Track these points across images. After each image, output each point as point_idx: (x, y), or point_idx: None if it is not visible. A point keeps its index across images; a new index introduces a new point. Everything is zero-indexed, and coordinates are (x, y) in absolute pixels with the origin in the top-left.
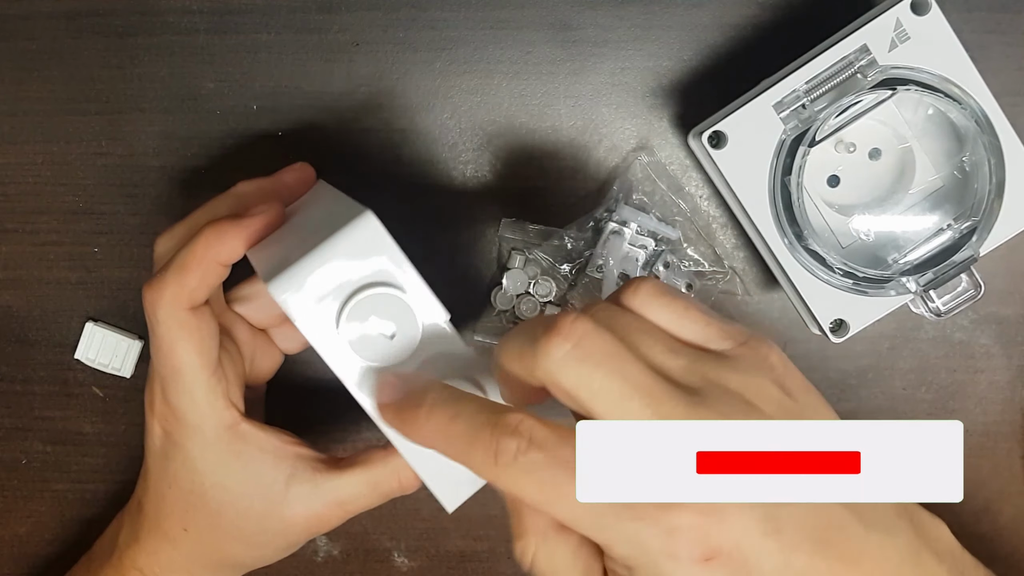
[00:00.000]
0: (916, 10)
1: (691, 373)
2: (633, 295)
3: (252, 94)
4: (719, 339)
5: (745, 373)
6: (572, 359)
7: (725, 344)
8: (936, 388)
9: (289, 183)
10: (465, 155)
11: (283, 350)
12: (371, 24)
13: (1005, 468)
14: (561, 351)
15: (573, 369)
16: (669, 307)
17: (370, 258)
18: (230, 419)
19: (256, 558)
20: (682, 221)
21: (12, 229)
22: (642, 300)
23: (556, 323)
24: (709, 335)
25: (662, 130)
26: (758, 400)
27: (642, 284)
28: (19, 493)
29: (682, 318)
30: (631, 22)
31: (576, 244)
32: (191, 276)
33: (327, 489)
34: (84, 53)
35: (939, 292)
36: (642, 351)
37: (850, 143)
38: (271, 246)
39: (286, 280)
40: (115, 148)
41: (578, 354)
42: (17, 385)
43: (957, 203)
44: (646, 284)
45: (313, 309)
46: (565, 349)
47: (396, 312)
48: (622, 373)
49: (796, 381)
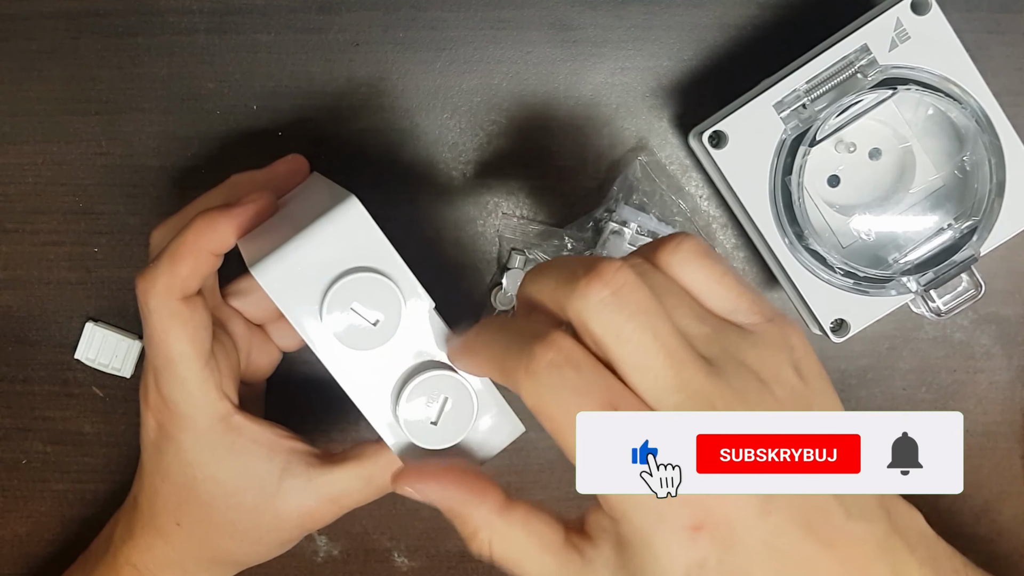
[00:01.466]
0: (916, 10)
1: (713, 343)
2: (674, 251)
3: (252, 94)
4: (748, 311)
5: (764, 350)
6: (608, 305)
7: (752, 318)
8: (936, 388)
9: (282, 174)
10: (465, 155)
11: (280, 347)
12: (371, 24)
13: (1005, 468)
14: (599, 296)
15: (607, 315)
16: (706, 270)
17: (354, 243)
18: (223, 410)
19: (249, 554)
20: (682, 221)
21: (12, 229)
22: (682, 258)
23: (599, 267)
24: (739, 306)
25: (662, 130)
26: (772, 381)
27: (684, 241)
28: (19, 493)
29: (717, 284)
30: (631, 22)
31: (576, 244)
32: (183, 265)
33: (321, 484)
34: (84, 53)
35: (940, 292)
36: (671, 313)
37: (850, 143)
38: (261, 235)
39: (269, 264)
40: (115, 148)
41: (615, 302)
42: (17, 385)
43: (957, 203)
44: (688, 241)
45: (296, 294)
46: (603, 295)
47: (380, 297)
48: (653, 329)
49: (812, 366)
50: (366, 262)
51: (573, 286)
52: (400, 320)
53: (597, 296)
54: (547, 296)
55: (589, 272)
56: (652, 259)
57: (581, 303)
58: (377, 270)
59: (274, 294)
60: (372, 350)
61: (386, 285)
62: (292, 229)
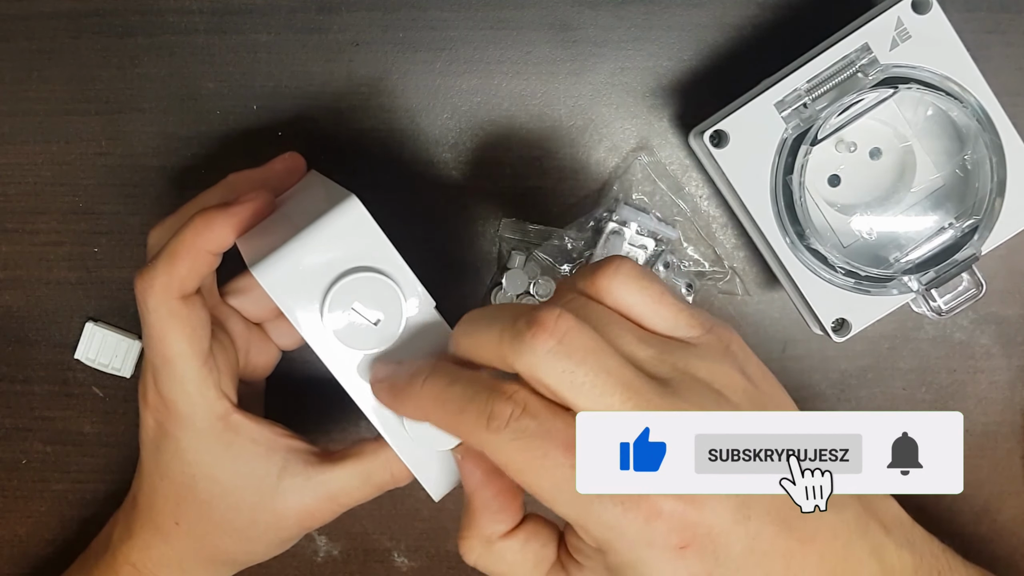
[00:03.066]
0: (917, 9)
1: (661, 363)
2: (613, 276)
3: (252, 94)
4: (687, 326)
5: (711, 361)
6: (556, 355)
7: (692, 331)
8: (936, 388)
9: (279, 172)
10: (465, 155)
11: (279, 346)
12: (371, 24)
13: (1005, 468)
14: (546, 347)
15: (557, 365)
16: (644, 292)
17: (355, 242)
18: (221, 409)
19: (248, 553)
20: (682, 221)
21: (12, 229)
22: (620, 282)
23: (539, 318)
24: (679, 323)
25: (662, 130)
26: (726, 389)
27: (622, 265)
28: (19, 493)
29: (656, 303)
30: (631, 22)
31: (576, 244)
32: (181, 265)
33: (319, 482)
34: (84, 53)
35: (941, 291)
36: (617, 344)
37: (851, 142)
38: (260, 234)
39: (270, 264)
40: (115, 148)
41: (562, 350)
42: (17, 385)
43: (958, 202)
44: (626, 266)
45: (297, 293)
46: (549, 345)
47: (381, 297)
48: (605, 368)
49: (755, 367)
50: (367, 262)
51: (518, 342)
52: (401, 320)
53: (544, 347)
54: (489, 353)
55: (532, 325)
56: (589, 288)
57: (529, 358)
58: (378, 269)
59: (275, 294)
60: (372, 349)
61: (387, 285)
62: (292, 228)
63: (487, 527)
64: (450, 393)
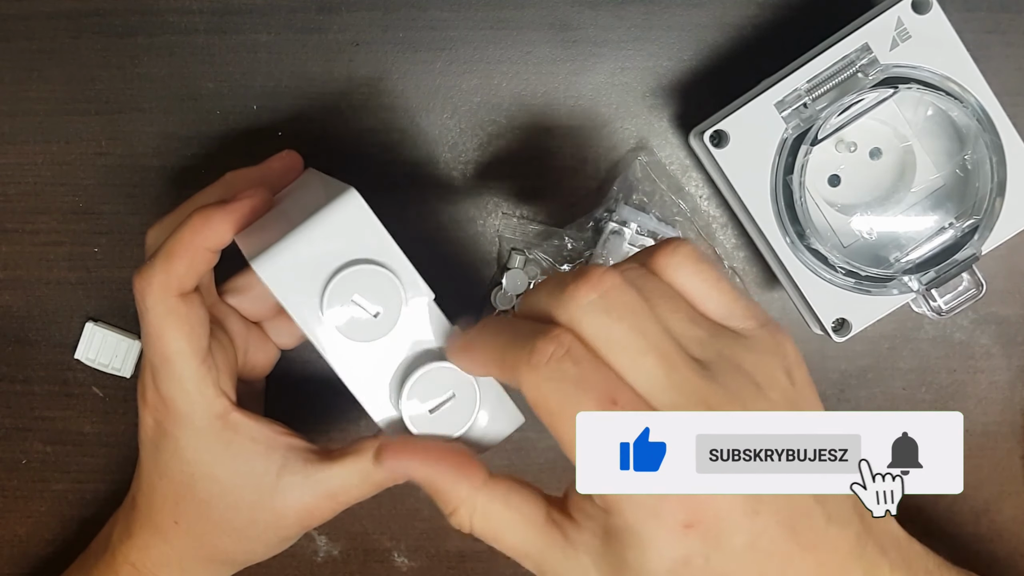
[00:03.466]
0: (917, 9)
1: (707, 347)
2: (670, 256)
3: (252, 94)
4: (742, 317)
5: (759, 354)
6: (597, 308)
7: (747, 323)
8: (936, 388)
9: (277, 170)
10: (465, 155)
11: (278, 344)
12: (371, 24)
13: (1005, 468)
14: (588, 299)
15: (597, 317)
16: (702, 275)
17: (354, 235)
18: (220, 408)
19: (248, 552)
20: (682, 221)
21: (12, 229)
22: (679, 262)
23: (587, 272)
24: (733, 311)
25: (662, 130)
26: (766, 384)
27: (680, 247)
28: (19, 493)
29: (712, 289)
30: (631, 22)
31: (576, 244)
32: (179, 263)
33: (318, 480)
34: (84, 53)
35: (941, 291)
36: (664, 316)
37: (851, 142)
38: (258, 230)
39: (270, 257)
40: (115, 148)
41: (603, 304)
42: (17, 385)
43: (958, 202)
44: (684, 248)
45: (297, 286)
46: (591, 298)
47: (381, 290)
48: (642, 330)
49: (802, 374)
50: (366, 254)
51: (561, 292)
52: (400, 312)
53: (585, 299)
54: (541, 307)
55: (577, 278)
56: (649, 263)
57: (572, 307)
58: (377, 262)
59: (274, 287)
60: (372, 342)
61: (386, 277)
62: (291, 223)
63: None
64: (502, 335)
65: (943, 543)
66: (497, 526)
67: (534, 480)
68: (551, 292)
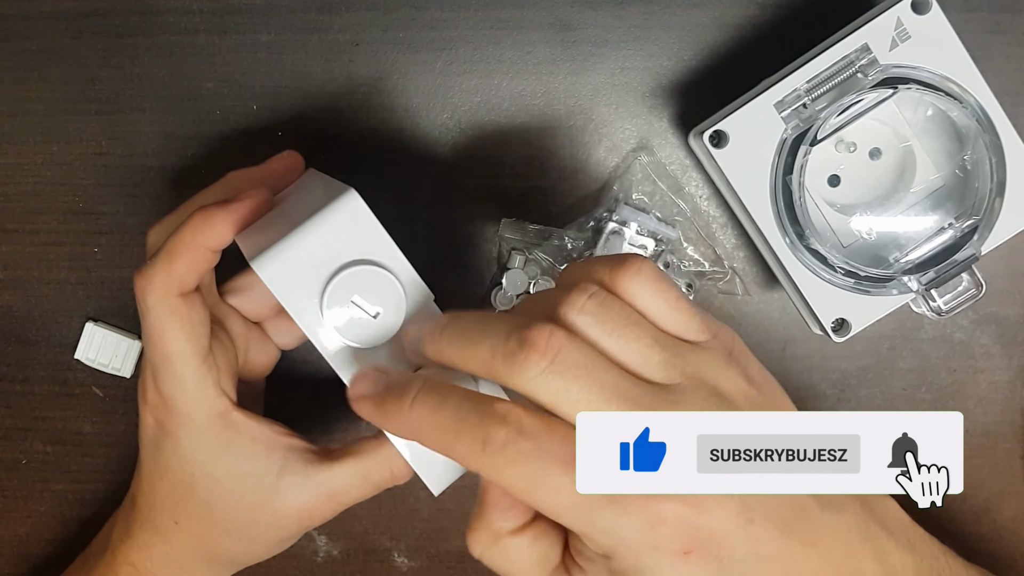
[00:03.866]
0: (917, 9)
1: (672, 367)
2: (635, 276)
3: (252, 94)
4: (698, 331)
5: (717, 365)
6: (549, 374)
7: (702, 336)
8: (936, 388)
9: (277, 170)
10: (465, 155)
11: (278, 345)
12: (371, 24)
13: (1005, 468)
14: (539, 368)
15: (551, 384)
16: (663, 295)
17: (354, 236)
18: (221, 407)
19: (248, 552)
20: (682, 221)
21: (12, 229)
22: (641, 282)
23: (531, 338)
24: (691, 327)
25: (662, 130)
26: (730, 393)
27: (642, 268)
28: (19, 493)
29: (671, 308)
30: (631, 22)
31: (576, 244)
32: (180, 262)
33: (319, 480)
34: (84, 53)
35: (940, 291)
36: (625, 346)
37: (851, 143)
38: (259, 230)
39: (269, 257)
40: (115, 148)
41: (555, 369)
42: (17, 385)
43: (958, 202)
44: (646, 268)
45: (297, 287)
46: (542, 366)
47: (380, 291)
48: (599, 382)
49: (757, 371)
50: (366, 255)
51: (510, 362)
52: (400, 312)
53: (537, 368)
54: (479, 368)
55: (524, 345)
56: (610, 283)
57: (522, 378)
58: (377, 263)
59: (274, 287)
60: (372, 342)
61: (386, 278)
62: (291, 223)
63: (496, 521)
64: (441, 416)
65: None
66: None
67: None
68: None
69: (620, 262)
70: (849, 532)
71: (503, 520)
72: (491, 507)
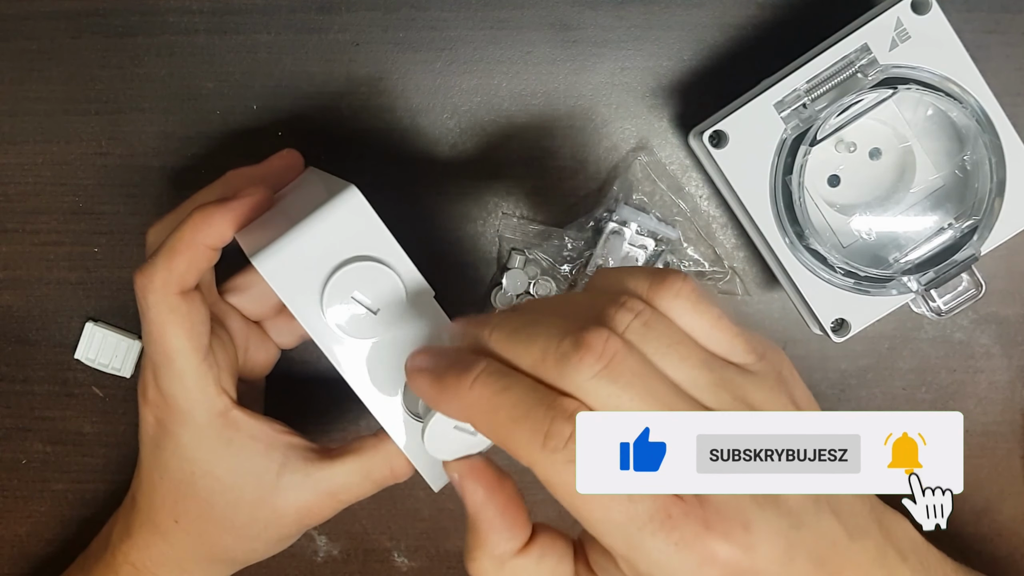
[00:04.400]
0: (917, 9)
1: (720, 389)
2: (676, 296)
3: (252, 94)
4: (743, 352)
5: (767, 391)
6: (602, 379)
7: (748, 357)
8: (936, 388)
9: (277, 169)
10: (465, 155)
11: (278, 344)
12: (371, 24)
13: (1005, 468)
14: (593, 371)
15: (604, 389)
16: (705, 315)
17: (355, 232)
18: (221, 405)
19: (248, 551)
20: (682, 221)
21: (12, 229)
22: (682, 303)
23: (587, 341)
24: (735, 348)
25: (662, 130)
26: None
27: (683, 287)
28: (19, 493)
29: (714, 328)
30: (631, 22)
31: (576, 244)
32: (180, 260)
33: (319, 479)
34: (84, 53)
35: (940, 291)
36: (673, 367)
37: (850, 143)
38: (259, 228)
39: (270, 254)
40: (115, 148)
41: (609, 374)
42: (17, 385)
43: (958, 202)
44: (687, 287)
45: (297, 283)
46: (596, 369)
47: (381, 286)
48: (653, 394)
49: (804, 394)
50: (367, 251)
51: (564, 363)
52: (400, 309)
53: (591, 371)
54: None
55: (579, 347)
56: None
57: (575, 379)
58: (378, 259)
59: (275, 283)
60: (372, 339)
61: (386, 274)
62: (291, 220)
63: (497, 546)
64: (503, 400)
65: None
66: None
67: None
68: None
69: (660, 279)
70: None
71: (504, 542)
72: (488, 530)
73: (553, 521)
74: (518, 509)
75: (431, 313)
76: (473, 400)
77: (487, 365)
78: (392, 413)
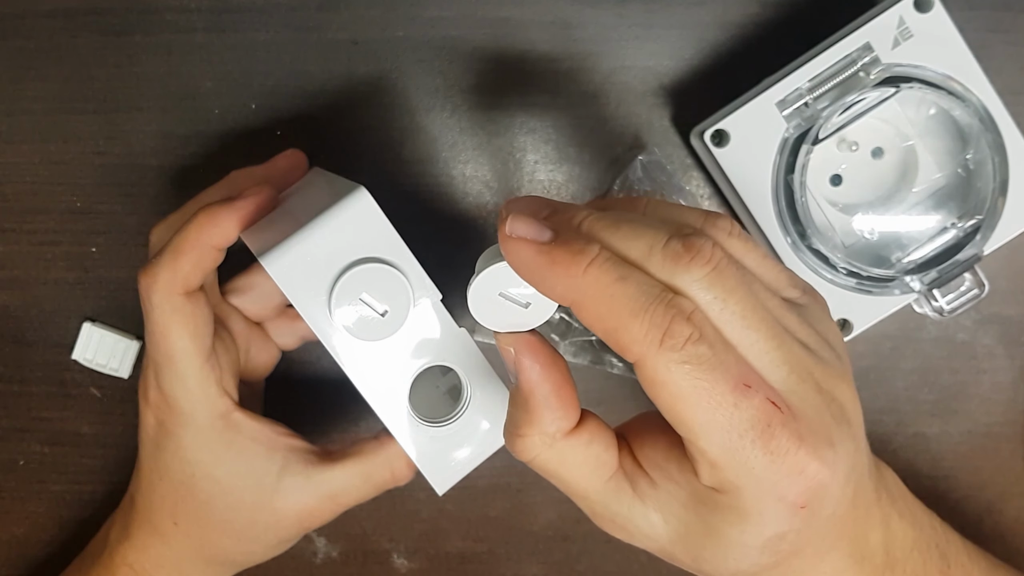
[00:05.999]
0: (919, 8)
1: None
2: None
3: (251, 93)
4: (789, 287)
5: (827, 321)
6: (712, 281)
7: (794, 292)
8: (938, 388)
9: (282, 169)
10: (465, 154)
11: (279, 345)
12: (370, 23)
13: (1008, 469)
14: (703, 271)
15: (710, 292)
16: (753, 252)
17: (363, 233)
18: (223, 407)
19: (247, 553)
20: None
21: (9, 229)
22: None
23: (696, 244)
24: (781, 283)
25: (663, 129)
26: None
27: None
28: (16, 494)
29: (762, 265)
30: (632, 21)
31: None
32: (185, 260)
33: (319, 481)
34: (82, 52)
35: (943, 291)
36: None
37: (853, 142)
38: (266, 228)
39: (280, 254)
40: (113, 147)
41: (717, 278)
42: (14, 386)
43: (961, 202)
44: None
45: (306, 283)
46: (706, 271)
47: (388, 289)
48: (756, 299)
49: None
50: (375, 253)
51: (674, 261)
52: (408, 311)
53: (700, 272)
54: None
55: (689, 249)
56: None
57: (686, 277)
58: (386, 261)
59: (283, 284)
60: (379, 341)
61: (395, 276)
62: (298, 221)
63: (549, 424)
64: (619, 289)
65: None
66: (564, 469)
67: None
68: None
69: (713, 217)
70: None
71: (557, 420)
72: (542, 407)
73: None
74: (572, 390)
75: (438, 316)
76: (588, 284)
77: (602, 250)
78: (398, 416)
